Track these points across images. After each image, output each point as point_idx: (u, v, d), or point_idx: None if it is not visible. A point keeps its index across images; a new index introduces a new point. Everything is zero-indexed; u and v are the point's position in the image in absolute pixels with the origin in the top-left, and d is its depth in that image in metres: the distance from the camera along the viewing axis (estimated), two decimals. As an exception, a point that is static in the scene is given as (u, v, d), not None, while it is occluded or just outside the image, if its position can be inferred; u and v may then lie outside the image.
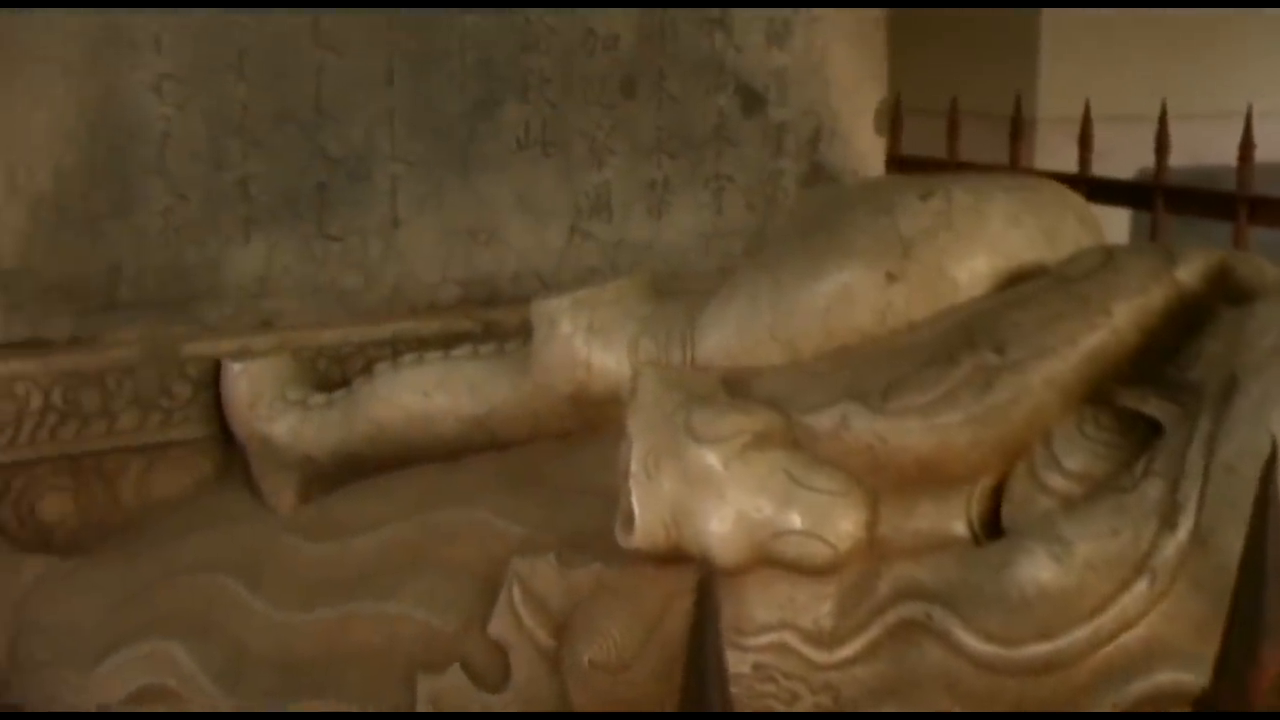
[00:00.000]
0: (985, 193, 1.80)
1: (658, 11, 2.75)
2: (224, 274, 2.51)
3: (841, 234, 1.80)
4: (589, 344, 2.01)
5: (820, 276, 1.80)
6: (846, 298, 1.78)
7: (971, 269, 1.77)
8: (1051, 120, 5.57)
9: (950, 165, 4.18)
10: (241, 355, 2.42)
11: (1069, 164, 4.18)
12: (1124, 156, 4.73)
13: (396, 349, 2.50)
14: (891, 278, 1.77)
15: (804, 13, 2.89)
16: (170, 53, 2.43)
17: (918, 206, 1.78)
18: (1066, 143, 4.36)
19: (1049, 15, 5.87)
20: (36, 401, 2.34)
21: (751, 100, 2.86)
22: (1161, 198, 3.93)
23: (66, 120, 2.39)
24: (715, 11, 2.80)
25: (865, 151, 3.01)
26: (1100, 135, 4.11)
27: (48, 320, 2.41)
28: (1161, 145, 3.95)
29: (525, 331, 2.19)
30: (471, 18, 2.60)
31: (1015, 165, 4.17)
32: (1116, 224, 4.63)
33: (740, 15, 2.82)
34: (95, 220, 2.42)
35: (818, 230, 1.85)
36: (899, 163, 4.17)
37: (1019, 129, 4.23)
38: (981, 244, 1.78)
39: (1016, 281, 1.77)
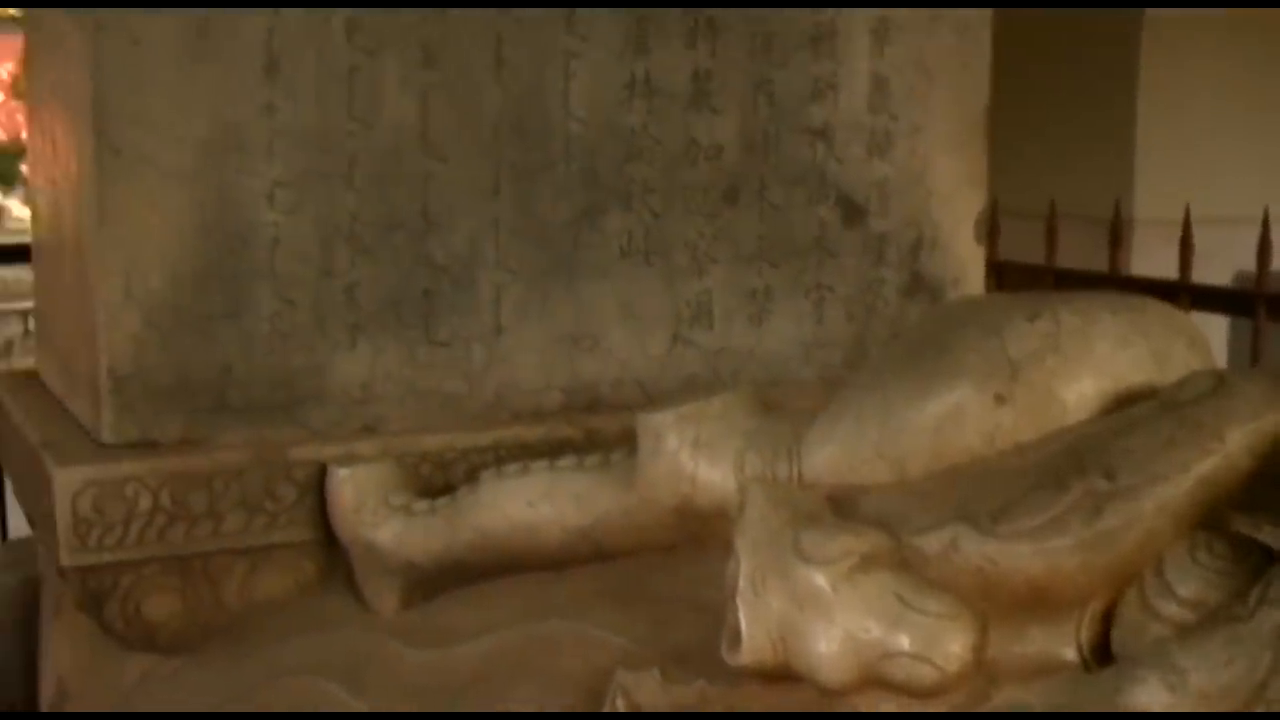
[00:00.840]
0: (1092, 315, 1.80)
1: (760, 122, 2.78)
2: (330, 379, 2.54)
3: (950, 354, 1.81)
4: (694, 459, 2.03)
5: (929, 396, 1.81)
6: (955, 418, 1.79)
7: (1079, 392, 1.77)
8: (1149, 223, 5.55)
9: (1049, 271, 4.17)
10: (346, 460, 2.45)
11: (1166, 267, 4.16)
12: (1222, 260, 4.71)
13: (499, 455, 2.52)
14: (1000, 399, 1.77)
15: (905, 123, 2.90)
16: (282, 160, 2.48)
17: (1025, 328, 1.78)
18: (1164, 246, 4.34)
19: (1145, 116, 5.87)
20: (145, 503, 2.38)
21: (852, 211, 2.88)
22: (1264, 305, 3.90)
23: (181, 225, 2.44)
24: (817, 122, 2.83)
25: (965, 260, 3.02)
26: (1197, 237, 4.09)
27: (158, 422, 2.45)
28: (1264, 250, 3.93)
29: (627, 439, 2.21)
30: (576, 128, 2.64)
31: (1114, 271, 4.15)
32: (1215, 330, 4.60)
33: (842, 127, 2.85)
34: (206, 324, 2.47)
35: (926, 349, 1.85)
36: (997, 268, 4.17)
37: (1118, 235, 4.22)
38: (1089, 367, 1.78)
39: (1124, 404, 1.77)
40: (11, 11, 19.29)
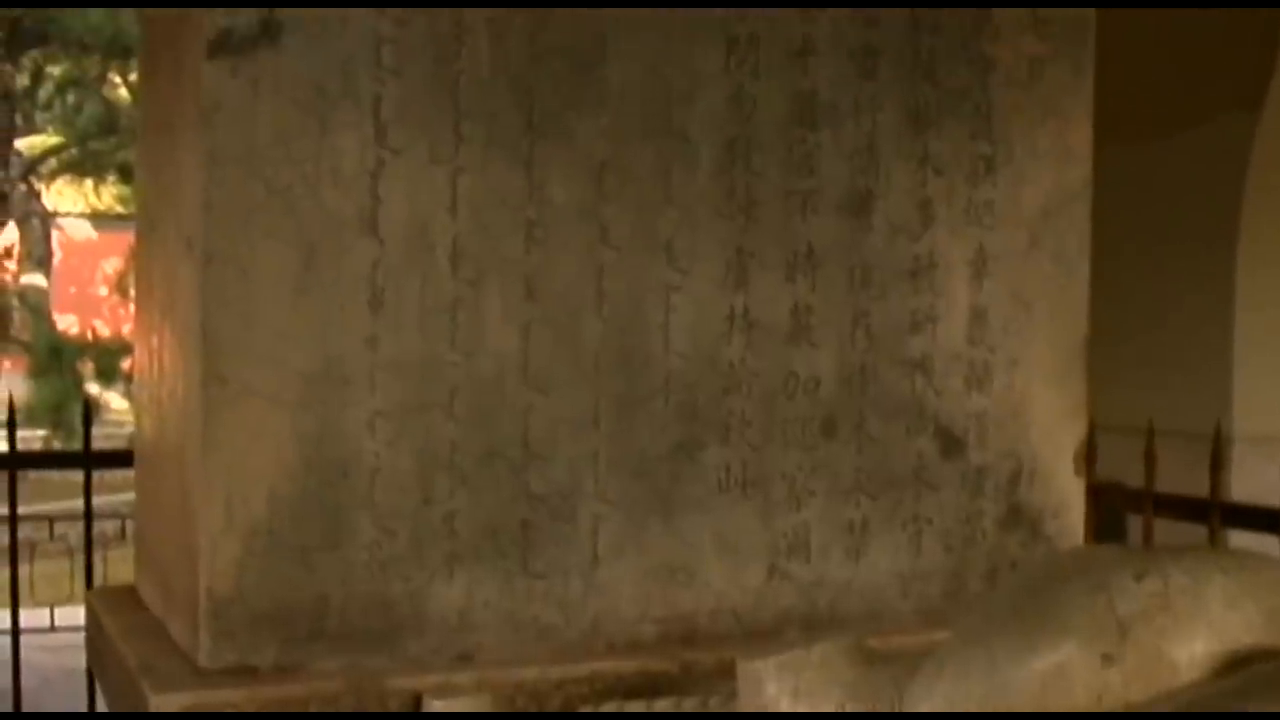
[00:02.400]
0: (1203, 574, 1.77)
1: (858, 354, 2.79)
2: (427, 608, 2.54)
3: (1056, 611, 1.78)
4: (795, 708, 2.00)
5: (1034, 653, 1.77)
6: (1062, 677, 1.75)
7: (1190, 652, 1.74)
8: (1249, 439, 5.48)
9: (1148, 496, 4.11)
10: (442, 690, 2.44)
11: (1267, 485, 4.09)
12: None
13: (594, 687, 2.51)
14: (1108, 659, 1.74)
15: (1004, 355, 2.90)
16: (384, 390, 2.51)
17: (1133, 588, 1.76)
18: (1264, 463, 4.28)
19: (1242, 332, 5.82)
20: (242, 730, 2.37)
21: (951, 443, 2.87)
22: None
23: (283, 453, 2.47)
24: (916, 355, 2.83)
25: (1065, 491, 2.99)
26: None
27: (255, 648, 2.46)
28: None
29: (723, 673, 2.18)
30: (675, 360, 2.66)
31: (1216, 497, 4.09)
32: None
33: (940, 359, 2.85)
34: (305, 551, 2.48)
35: (1031, 604, 1.83)
36: (1095, 491, 4.11)
37: (1219, 461, 4.16)
38: (1200, 627, 1.74)
39: (1237, 666, 1.73)
40: (119, 208, 19.83)
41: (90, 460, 4.12)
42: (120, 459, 3.92)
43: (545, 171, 2.58)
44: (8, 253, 17.44)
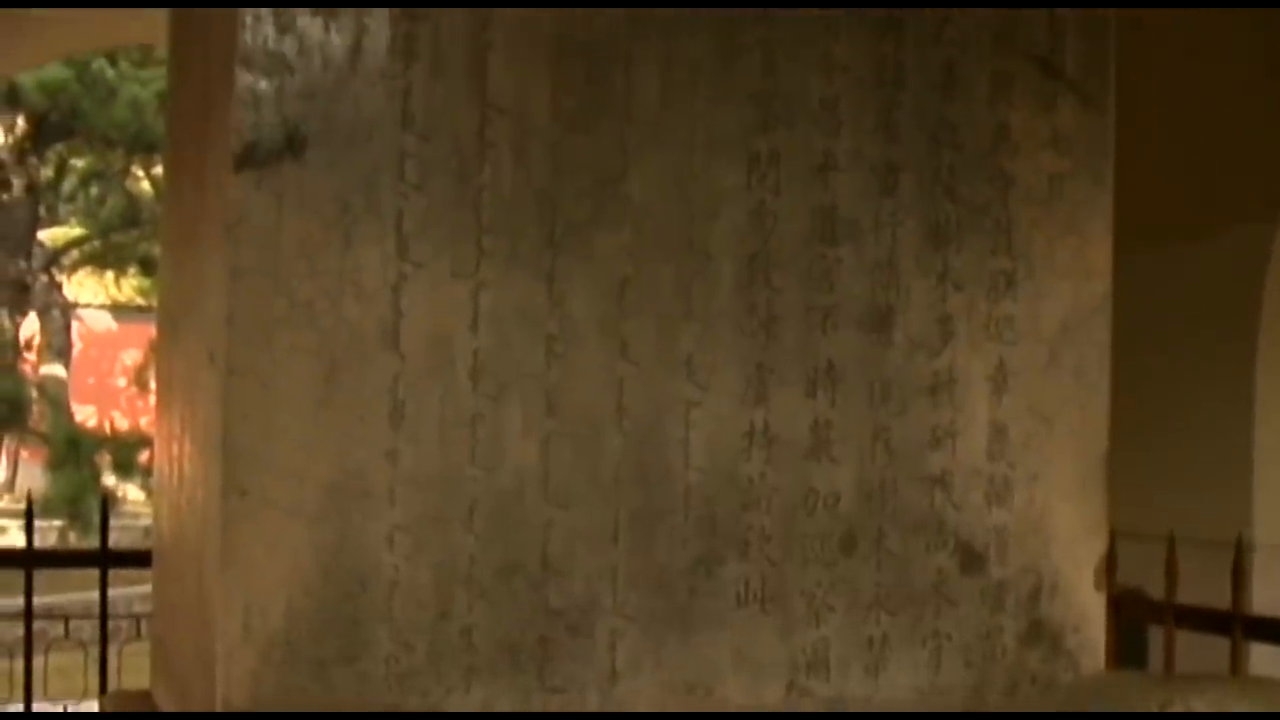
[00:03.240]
0: (1225, 703, 1.76)
1: (877, 470, 2.78)
2: (444, 722, 2.53)
3: (1078, 743, 1.77)
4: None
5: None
6: (1084, 810, 1.74)
7: (1215, 786, 1.72)
8: (1268, 547, 5.44)
9: (1169, 608, 4.08)
10: (457, 806, 2.42)
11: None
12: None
13: (611, 804, 2.48)
14: (1132, 793, 1.72)
15: (1024, 470, 2.90)
16: (404, 504, 2.51)
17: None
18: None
19: (1262, 439, 5.80)
20: (255, 845, 2.36)
21: (971, 558, 2.85)
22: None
23: (301, 565, 2.47)
24: (936, 470, 2.83)
25: (1086, 606, 2.97)
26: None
27: (271, 760, 2.45)
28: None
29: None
30: (695, 476, 2.66)
31: (1237, 609, 4.06)
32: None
33: (960, 474, 2.85)
34: (323, 664, 2.47)
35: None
36: (1115, 602, 4.09)
37: (1240, 574, 4.14)
38: (1225, 760, 1.73)
39: (1262, 799, 1.71)
40: (139, 299, 19.94)
41: (107, 559, 4.11)
42: (137, 559, 3.91)
43: (566, 286, 2.59)
44: (28, 345, 17.52)
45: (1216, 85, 5.47)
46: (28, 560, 4.09)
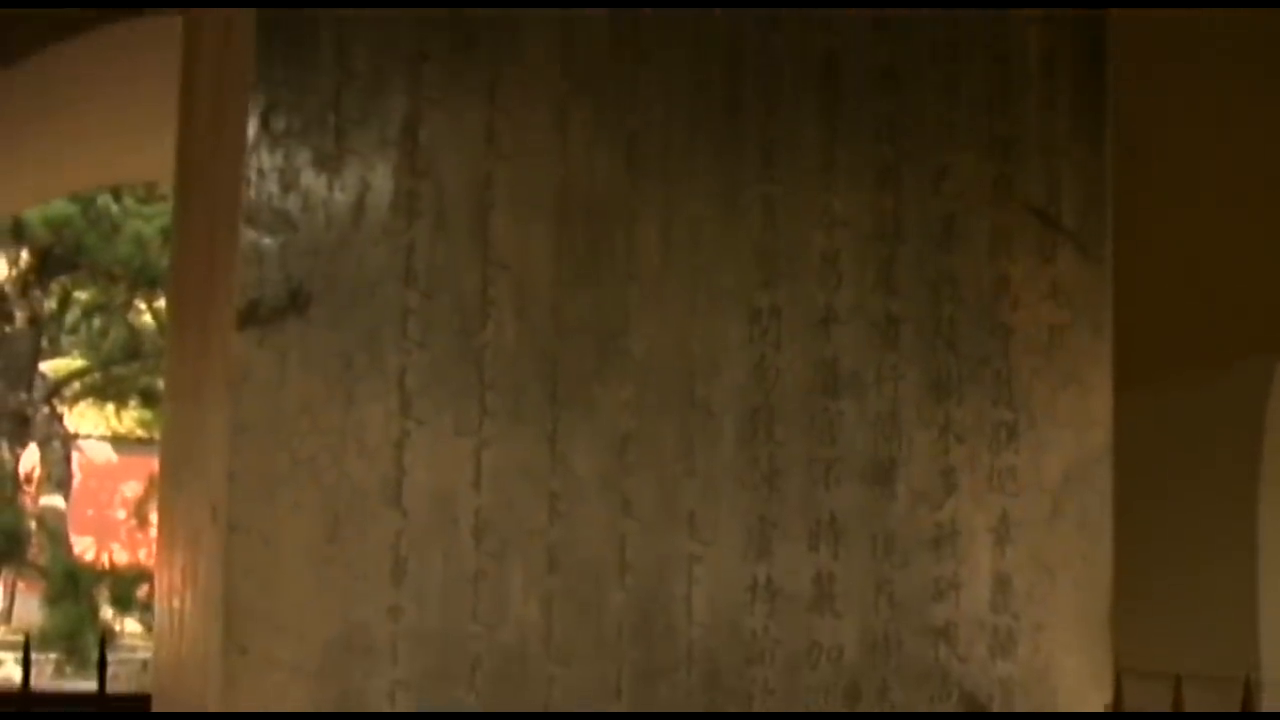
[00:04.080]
0: None
1: (881, 622, 2.77)
2: None
3: None
4: None
5: None
6: None
7: None
8: (1275, 685, 5.40)
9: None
10: None
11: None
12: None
13: None
14: None
15: (1028, 621, 2.88)
16: (405, 661, 2.51)
17: None
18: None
19: (1267, 576, 5.77)
20: None
21: (976, 710, 2.83)
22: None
23: (306, 726, 2.45)
24: (939, 622, 2.81)
25: (1092, 758, 2.94)
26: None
27: None
28: None
29: None
30: (697, 631, 2.65)
31: (1245, 755, 4.02)
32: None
33: (964, 626, 2.83)
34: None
35: None
36: (1122, 747, 4.05)
37: (1250, 713, 4.10)
38: None
39: None
40: (140, 431, 19.94)
41: (106, 703, 4.08)
42: (136, 702, 3.89)
43: (569, 443, 2.59)
44: (28, 478, 17.48)
45: (1212, 223, 5.52)
46: (24, 702, 4.06)
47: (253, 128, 2.52)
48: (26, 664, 4.00)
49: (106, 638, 4.34)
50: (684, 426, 2.67)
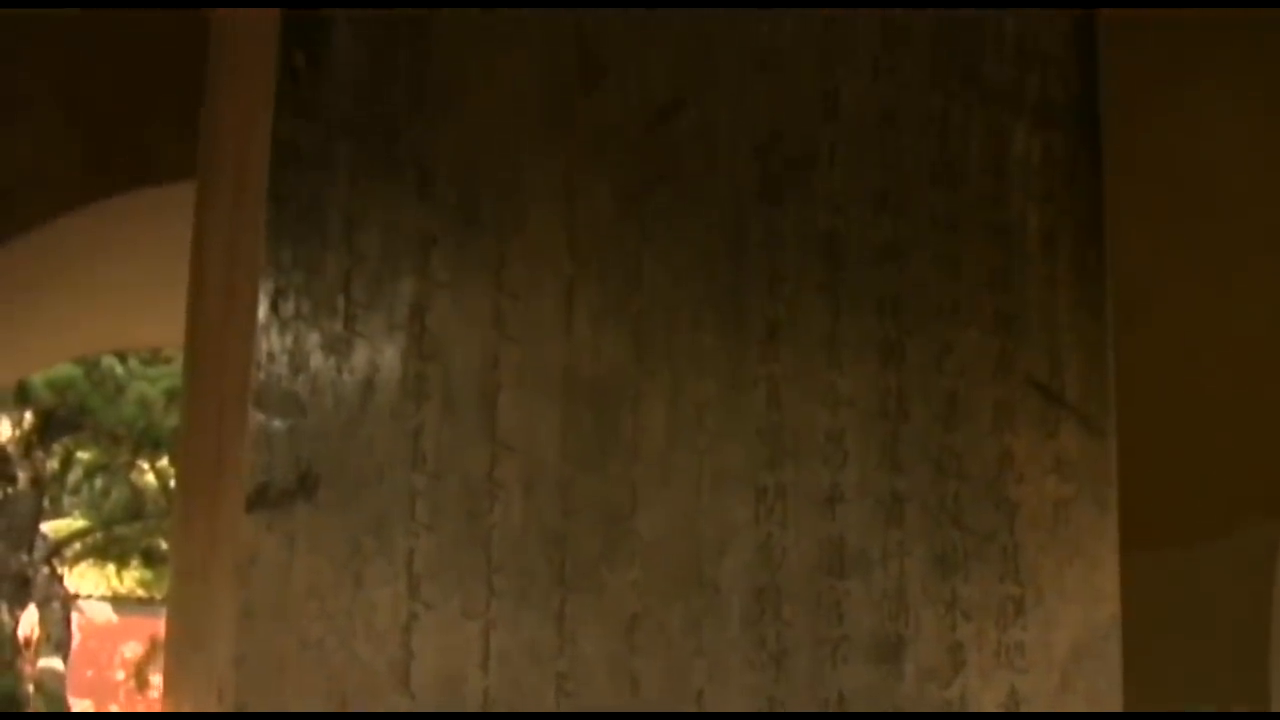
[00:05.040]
0: None
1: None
2: None
3: None
4: None
5: None
6: None
7: None
8: None
9: None
10: None
11: None
12: None
13: None
14: None
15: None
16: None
17: None
18: None
19: None
20: None
21: None
22: None
23: None
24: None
25: None
26: None
27: None
28: None
29: None
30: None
31: None
32: None
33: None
34: None
35: None
36: None
37: None
38: None
39: None
40: (141, 591, 19.86)
41: None
42: None
43: (576, 625, 2.59)
44: (27, 642, 17.37)
45: (1213, 385, 5.54)
46: None
47: (263, 310, 2.55)
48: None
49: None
50: (691, 607, 2.66)
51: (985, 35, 3.06)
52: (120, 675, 20.95)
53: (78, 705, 17.68)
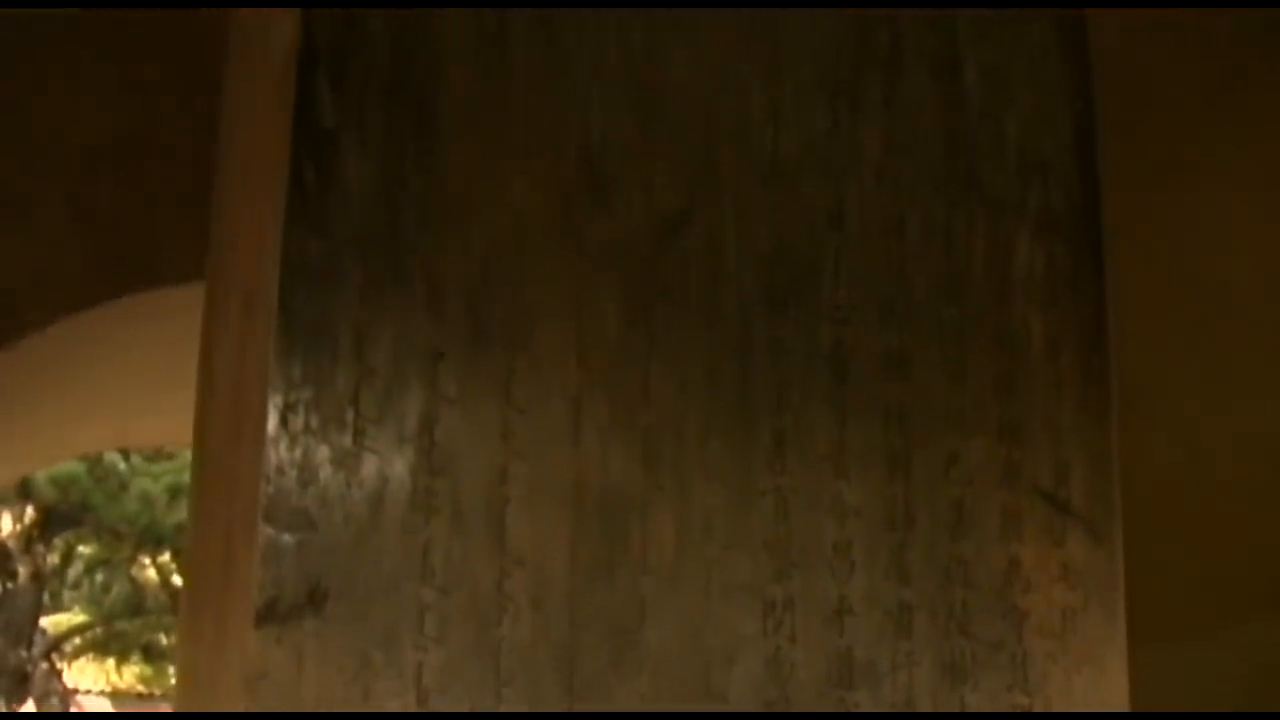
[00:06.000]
0: None
1: None
2: None
3: None
4: None
5: None
6: None
7: None
8: None
9: None
10: None
11: None
12: None
13: None
14: None
15: None
16: None
17: None
18: None
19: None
20: None
21: None
22: None
23: None
24: None
25: None
26: None
27: None
28: None
29: None
30: None
31: None
32: None
33: None
34: None
35: None
36: None
37: None
38: None
39: None
40: (140, 687, 19.73)
41: None
42: None
43: (585, 737, 2.59)
44: (25, 740, 17.26)
45: (1220, 480, 5.54)
46: None
47: (271, 424, 2.56)
48: None
49: None
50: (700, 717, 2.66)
51: (987, 143, 3.09)
52: (119, 772, 20.76)
53: (76, 802, 17.54)
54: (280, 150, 2.69)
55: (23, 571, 16.13)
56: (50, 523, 15.32)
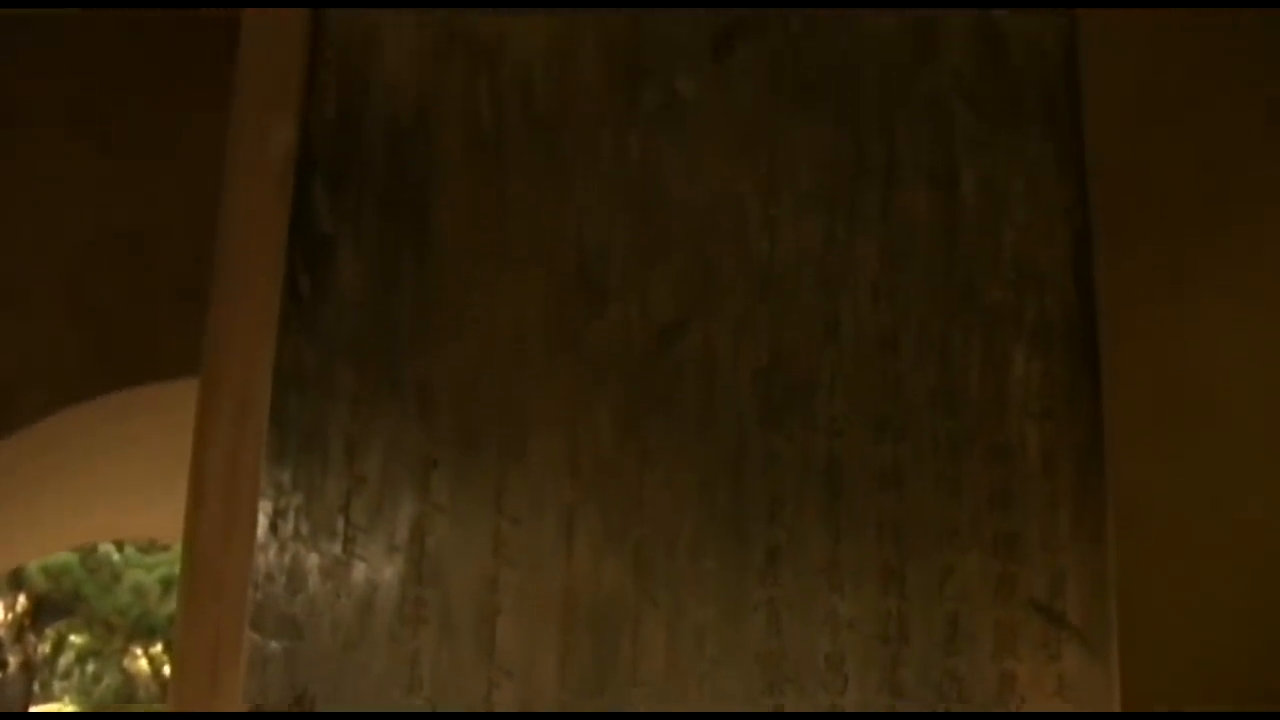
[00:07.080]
0: None
1: None
2: None
3: None
4: None
5: None
6: None
7: None
8: None
9: None
10: None
11: None
12: None
13: None
14: None
15: None
16: None
17: None
18: None
19: None
20: None
21: None
22: None
23: None
24: None
25: None
26: None
27: None
28: None
29: None
30: None
31: None
32: None
33: None
34: None
35: None
36: None
37: None
38: None
39: None
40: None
41: None
42: None
43: None
44: (10, 834, 17.08)
45: (1217, 589, 5.52)
46: None
47: (261, 531, 2.54)
48: None
49: None
50: None
51: (984, 256, 3.09)
52: None
53: None
54: (275, 254, 2.70)
55: (13, 661, 16.03)
56: (42, 612, 15.24)
